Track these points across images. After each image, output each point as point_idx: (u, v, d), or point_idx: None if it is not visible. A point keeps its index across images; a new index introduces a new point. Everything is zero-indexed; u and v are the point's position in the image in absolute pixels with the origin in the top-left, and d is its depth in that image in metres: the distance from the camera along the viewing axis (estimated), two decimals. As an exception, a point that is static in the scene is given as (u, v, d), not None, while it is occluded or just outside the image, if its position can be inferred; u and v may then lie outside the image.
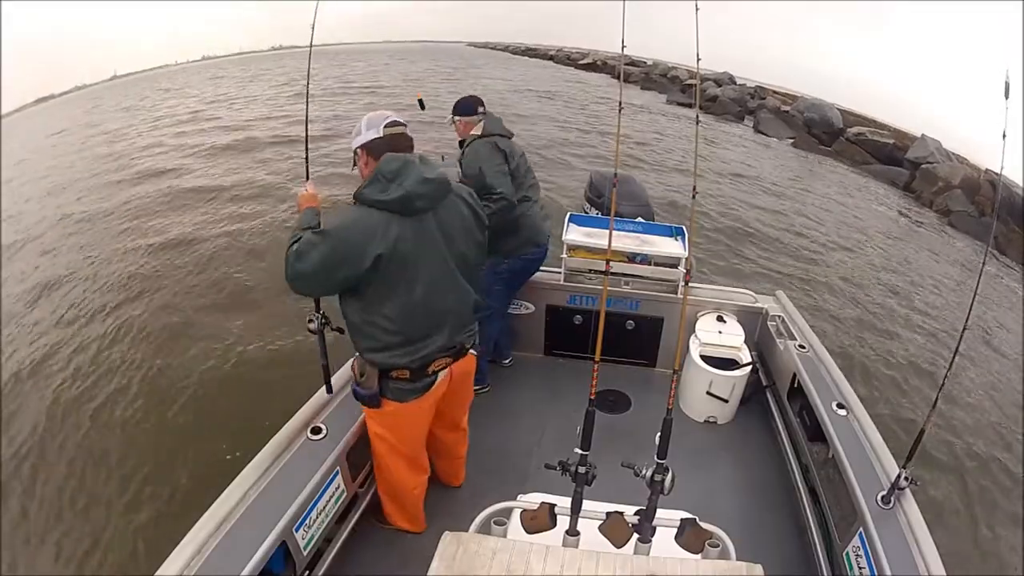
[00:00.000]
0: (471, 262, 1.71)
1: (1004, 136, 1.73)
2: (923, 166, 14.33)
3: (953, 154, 15.62)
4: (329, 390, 1.97)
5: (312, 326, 1.80)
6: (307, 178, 1.87)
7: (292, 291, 1.59)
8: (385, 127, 1.58)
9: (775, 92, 26.86)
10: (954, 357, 1.68)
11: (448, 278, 1.62)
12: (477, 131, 2.53)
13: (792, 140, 18.51)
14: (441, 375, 1.73)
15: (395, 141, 1.58)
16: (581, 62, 41.24)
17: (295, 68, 31.33)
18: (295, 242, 1.53)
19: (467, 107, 2.55)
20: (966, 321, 1.72)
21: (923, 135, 15.93)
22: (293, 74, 28.02)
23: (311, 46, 2.26)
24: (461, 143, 2.59)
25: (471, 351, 1.83)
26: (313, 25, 2.13)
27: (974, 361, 5.38)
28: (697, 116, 1.85)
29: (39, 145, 16.91)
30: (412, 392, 1.69)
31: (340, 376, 2.05)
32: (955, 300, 7.17)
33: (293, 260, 1.50)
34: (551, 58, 50.31)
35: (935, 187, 13.17)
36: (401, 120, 1.61)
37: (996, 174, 11.85)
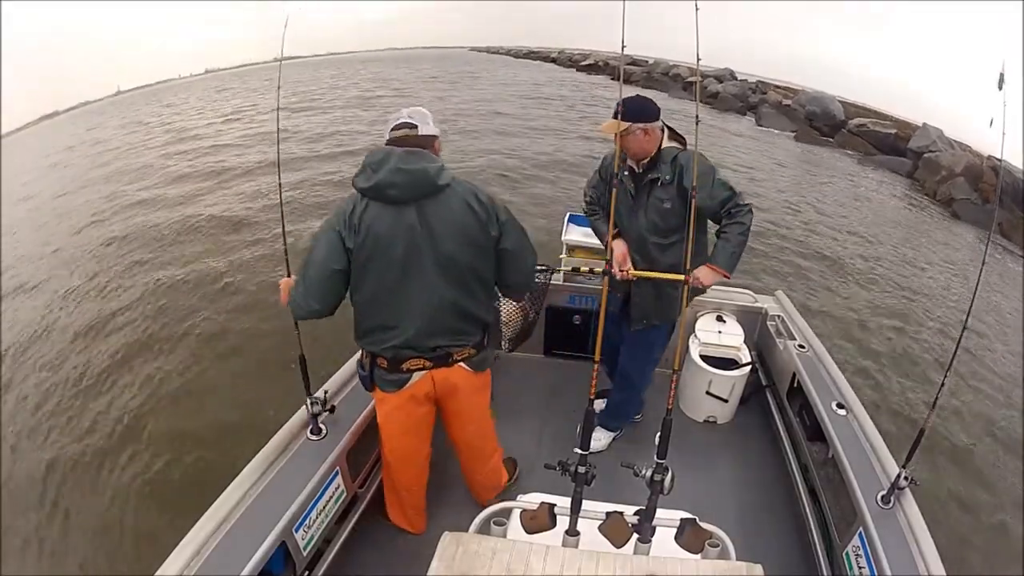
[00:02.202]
0: (463, 264, 1.63)
1: (991, 124, 1.72)
2: (925, 155, 14.28)
3: (955, 142, 15.54)
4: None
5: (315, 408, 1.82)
6: (287, 272, 1.82)
7: (313, 316, 1.63)
8: (392, 129, 1.63)
9: (776, 87, 26.79)
10: (953, 358, 1.67)
11: (421, 273, 1.60)
12: (670, 141, 2.05)
13: (794, 133, 18.47)
14: (416, 376, 1.72)
15: (396, 142, 1.61)
16: (583, 63, 41.19)
17: (297, 80, 31.42)
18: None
19: (653, 109, 2.01)
20: (966, 319, 1.71)
21: (924, 124, 15.86)
22: (296, 87, 27.91)
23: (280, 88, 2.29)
24: (653, 162, 2.04)
25: (461, 364, 1.75)
26: (283, 40, 2.15)
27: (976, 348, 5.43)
28: (697, 116, 1.83)
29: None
30: (390, 384, 1.73)
31: (337, 379, 2.07)
32: (959, 287, 7.21)
33: (300, 283, 1.61)
34: (553, 60, 50.30)
35: (938, 176, 13.12)
36: (412, 121, 1.63)
37: (998, 160, 11.78)
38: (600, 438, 2.58)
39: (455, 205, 1.59)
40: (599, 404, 2.73)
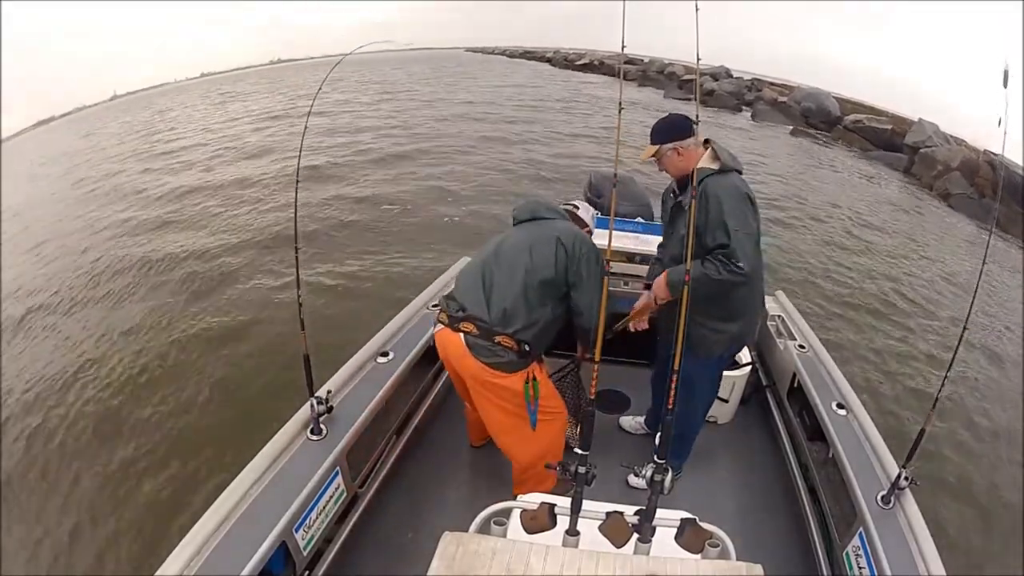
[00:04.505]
0: (523, 265, 1.86)
1: (1000, 123, 1.71)
2: (921, 150, 14.32)
3: (951, 136, 15.57)
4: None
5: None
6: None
7: None
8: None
9: (772, 84, 26.87)
10: (953, 357, 1.67)
11: (495, 254, 1.93)
12: (707, 162, 1.84)
13: (790, 130, 18.49)
14: (438, 328, 1.95)
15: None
16: (578, 63, 41.28)
17: (296, 84, 31.19)
18: None
19: (683, 125, 1.86)
20: (966, 321, 1.71)
21: (920, 119, 15.88)
22: (293, 92, 27.53)
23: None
24: (682, 185, 1.93)
25: (462, 335, 1.84)
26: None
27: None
28: (697, 117, 1.83)
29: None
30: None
31: (337, 379, 2.08)
32: (957, 283, 7.23)
33: None
34: (549, 60, 50.38)
35: (934, 171, 13.17)
36: (578, 206, 2.23)
37: (995, 154, 11.81)
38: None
39: (548, 231, 1.91)
40: (629, 423, 2.73)
